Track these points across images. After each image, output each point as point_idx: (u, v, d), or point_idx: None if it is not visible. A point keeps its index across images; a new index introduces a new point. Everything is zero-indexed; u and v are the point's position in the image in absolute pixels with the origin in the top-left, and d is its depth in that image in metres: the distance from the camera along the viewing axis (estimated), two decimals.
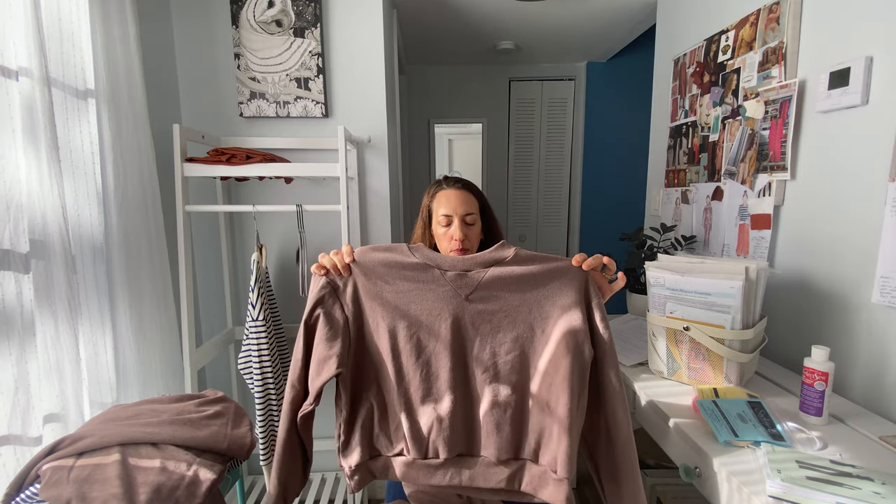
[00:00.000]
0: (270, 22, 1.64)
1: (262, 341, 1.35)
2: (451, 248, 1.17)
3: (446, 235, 1.17)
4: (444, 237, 1.18)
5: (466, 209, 1.16)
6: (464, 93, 3.29)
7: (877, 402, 1.05)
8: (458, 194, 1.17)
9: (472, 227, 1.18)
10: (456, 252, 1.17)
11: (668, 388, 1.16)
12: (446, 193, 1.18)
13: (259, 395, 1.35)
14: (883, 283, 1.00)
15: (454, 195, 1.17)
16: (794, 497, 0.71)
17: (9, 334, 0.92)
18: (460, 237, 1.15)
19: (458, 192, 1.17)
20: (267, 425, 1.38)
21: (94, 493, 0.79)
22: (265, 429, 1.37)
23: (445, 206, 1.16)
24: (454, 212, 1.15)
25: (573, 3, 2.20)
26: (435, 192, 1.21)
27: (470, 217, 1.16)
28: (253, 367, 1.35)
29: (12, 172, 0.93)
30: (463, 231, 1.15)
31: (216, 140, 1.61)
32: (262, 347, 1.35)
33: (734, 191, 1.49)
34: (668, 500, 1.42)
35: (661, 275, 1.14)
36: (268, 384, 1.37)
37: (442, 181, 1.22)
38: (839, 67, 1.10)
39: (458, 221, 1.15)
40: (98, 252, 1.15)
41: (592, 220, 3.26)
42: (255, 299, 1.34)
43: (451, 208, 1.15)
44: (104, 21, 1.18)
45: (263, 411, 1.36)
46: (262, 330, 1.35)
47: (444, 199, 1.17)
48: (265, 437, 1.38)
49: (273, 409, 1.40)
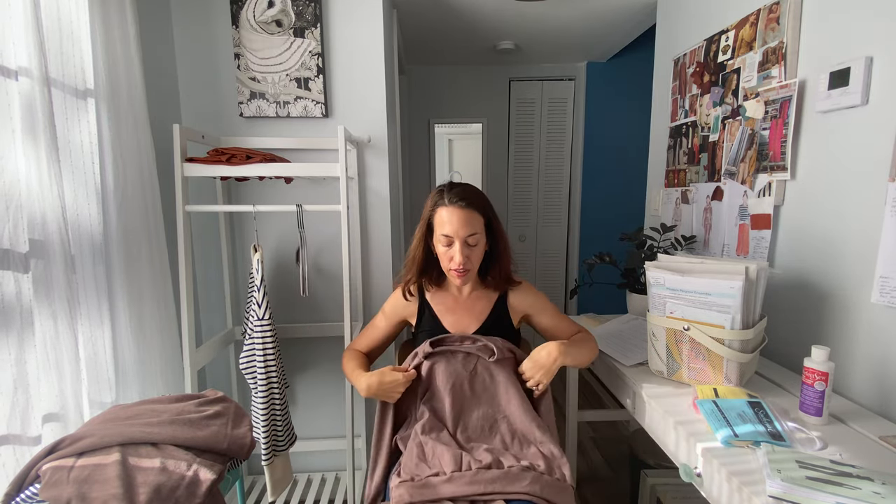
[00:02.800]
0: (270, 22, 1.64)
1: (268, 339, 1.35)
2: (451, 268, 1.14)
3: (447, 255, 1.13)
4: (444, 256, 1.14)
5: (469, 230, 1.10)
6: (464, 93, 3.29)
7: (877, 402, 1.05)
8: (460, 214, 1.09)
9: (474, 247, 1.12)
10: (456, 273, 1.14)
11: (668, 388, 1.16)
12: (448, 211, 1.10)
13: (262, 393, 1.35)
14: (882, 283, 1.00)
15: (456, 216, 1.09)
16: (794, 497, 0.71)
17: (8, 334, 0.92)
18: (460, 261, 1.10)
19: (461, 211, 1.09)
20: (270, 424, 1.38)
21: (94, 493, 0.79)
22: (268, 427, 1.37)
23: (447, 226, 1.09)
24: (455, 234, 1.09)
25: (573, 3, 2.19)
26: (436, 204, 1.13)
27: (473, 238, 1.11)
28: (257, 365, 1.35)
29: (12, 172, 0.93)
30: (464, 253, 1.10)
31: (216, 140, 1.61)
32: (268, 345, 1.35)
33: (734, 191, 1.49)
34: (667, 500, 1.42)
35: (661, 275, 1.14)
36: (272, 382, 1.37)
37: (445, 191, 1.13)
38: (839, 67, 1.10)
39: (460, 244, 1.10)
40: (98, 252, 1.15)
41: (592, 220, 3.26)
42: (260, 298, 1.34)
43: (453, 229, 1.09)
44: (104, 21, 1.17)
45: (266, 409, 1.36)
46: (268, 328, 1.35)
47: (445, 218, 1.10)
48: (267, 437, 1.37)
49: (276, 408, 1.40)
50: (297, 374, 1.86)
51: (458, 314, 1.23)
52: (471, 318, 1.22)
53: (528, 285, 1.29)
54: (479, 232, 1.12)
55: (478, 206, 1.13)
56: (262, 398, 1.36)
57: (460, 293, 1.25)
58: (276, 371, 1.38)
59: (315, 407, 1.88)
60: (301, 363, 1.85)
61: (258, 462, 1.91)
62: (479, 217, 1.13)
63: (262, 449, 1.38)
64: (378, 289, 1.84)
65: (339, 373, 1.85)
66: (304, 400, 1.88)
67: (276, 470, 1.40)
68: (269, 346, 1.36)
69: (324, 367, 1.85)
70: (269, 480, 1.38)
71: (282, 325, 1.74)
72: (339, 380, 1.86)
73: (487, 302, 1.24)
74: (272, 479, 1.38)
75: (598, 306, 2.17)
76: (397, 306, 1.27)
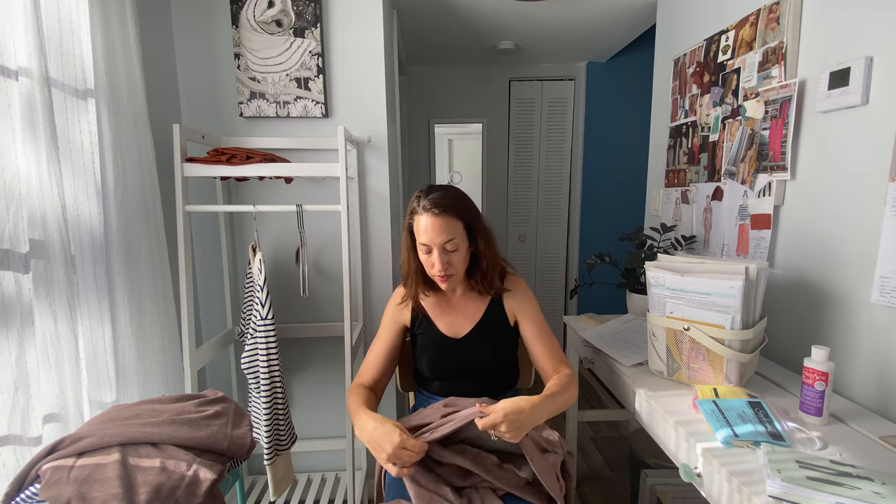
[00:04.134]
0: (270, 22, 1.64)
1: (271, 339, 1.35)
2: (434, 274, 1.13)
3: (428, 262, 1.12)
4: (426, 262, 1.13)
5: (445, 237, 1.07)
6: (464, 93, 3.29)
7: (876, 402, 1.05)
8: (434, 222, 1.06)
9: (454, 252, 1.11)
10: (440, 278, 1.13)
11: (668, 388, 1.16)
12: (424, 219, 1.08)
13: (265, 392, 1.35)
14: (882, 282, 1.01)
15: (431, 224, 1.07)
16: (794, 497, 0.71)
17: (8, 334, 0.92)
18: (440, 268, 1.10)
19: (435, 219, 1.06)
20: (272, 423, 1.38)
21: (94, 493, 0.79)
22: (270, 427, 1.37)
23: (424, 234, 1.08)
24: (431, 242, 1.08)
25: (573, 3, 2.20)
26: (413, 212, 1.11)
27: (451, 244, 1.09)
28: (260, 364, 1.35)
29: (12, 172, 0.93)
30: (443, 260, 1.09)
31: (216, 140, 1.61)
32: (271, 345, 1.35)
33: (734, 191, 1.49)
34: (667, 500, 1.42)
35: (661, 275, 1.14)
36: (274, 381, 1.37)
37: (420, 198, 1.10)
38: (839, 67, 1.10)
39: (438, 252, 1.08)
40: (98, 252, 1.15)
41: (592, 220, 3.26)
42: (264, 298, 1.34)
43: (429, 238, 1.08)
44: (104, 21, 1.17)
45: (269, 409, 1.36)
46: (272, 328, 1.36)
47: (421, 226, 1.09)
48: (269, 436, 1.37)
49: (279, 407, 1.40)
50: (296, 374, 1.86)
51: (452, 315, 1.23)
52: (464, 319, 1.22)
53: (522, 285, 1.25)
54: (458, 237, 1.10)
55: (455, 211, 1.09)
56: (264, 398, 1.36)
57: (453, 293, 1.25)
58: (278, 370, 1.39)
59: (315, 407, 1.89)
60: (301, 363, 1.85)
61: (258, 462, 1.92)
62: (457, 222, 1.09)
63: (264, 448, 1.38)
64: (378, 289, 1.84)
65: (338, 373, 1.86)
66: (303, 400, 1.88)
67: (278, 469, 1.40)
68: (273, 345, 1.36)
69: (323, 368, 1.86)
70: (272, 480, 1.38)
71: (281, 325, 1.74)
72: (338, 380, 1.86)
73: (482, 301, 1.24)
74: (274, 478, 1.38)
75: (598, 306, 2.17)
76: (395, 311, 1.27)
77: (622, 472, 2.02)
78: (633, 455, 1.70)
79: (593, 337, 1.53)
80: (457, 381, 1.21)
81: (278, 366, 1.39)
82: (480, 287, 1.21)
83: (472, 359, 1.20)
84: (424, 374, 1.24)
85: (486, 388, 1.21)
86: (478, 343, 1.20)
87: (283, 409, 1.42)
